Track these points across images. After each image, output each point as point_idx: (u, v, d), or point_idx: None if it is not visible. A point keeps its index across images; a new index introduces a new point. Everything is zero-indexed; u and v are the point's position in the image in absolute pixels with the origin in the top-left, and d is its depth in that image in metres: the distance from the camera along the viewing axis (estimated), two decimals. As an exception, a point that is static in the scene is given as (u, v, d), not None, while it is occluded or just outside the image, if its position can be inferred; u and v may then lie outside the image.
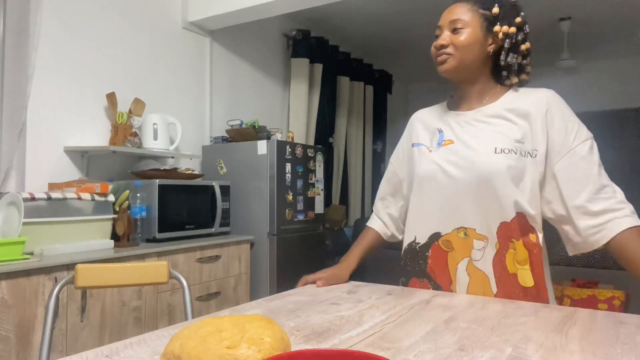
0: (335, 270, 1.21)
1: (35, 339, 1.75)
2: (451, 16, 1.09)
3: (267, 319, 0.63)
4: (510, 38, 1.08)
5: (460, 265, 1.07)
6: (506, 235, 1.04)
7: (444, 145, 1.12)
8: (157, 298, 2.24)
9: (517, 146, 1.03)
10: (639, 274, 0.94)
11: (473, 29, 1.07)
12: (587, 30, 4.59)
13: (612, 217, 0.98)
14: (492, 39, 1.08)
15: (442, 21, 1.11)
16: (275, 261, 2.95)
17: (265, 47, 4.04)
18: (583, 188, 1.01)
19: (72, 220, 2.10)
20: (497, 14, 1.07)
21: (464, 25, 1.07)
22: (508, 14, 1.08)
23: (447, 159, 1.10)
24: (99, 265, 1.33)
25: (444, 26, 1.10)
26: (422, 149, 1.16)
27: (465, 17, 1.07)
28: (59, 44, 2.46)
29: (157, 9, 3.04)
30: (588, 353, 0.69)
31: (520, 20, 1.08)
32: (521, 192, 1.03)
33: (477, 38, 1.07)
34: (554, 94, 1.07)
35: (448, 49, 1.08)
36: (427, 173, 1.12)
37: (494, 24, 1.07)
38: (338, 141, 4.83)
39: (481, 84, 1.12)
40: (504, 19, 1.07)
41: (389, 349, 0.71)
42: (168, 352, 0.59)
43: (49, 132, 2.42)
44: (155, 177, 2.55)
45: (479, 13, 1.07)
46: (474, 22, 1.07)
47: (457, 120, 1.13)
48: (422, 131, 1.20)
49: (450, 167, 1.08)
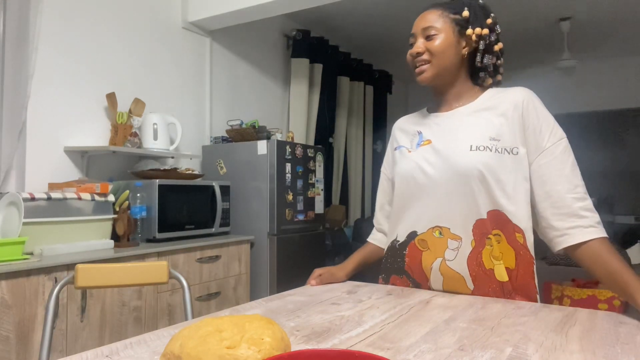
0: (332, 268, 1.25)
1: (35, 339, 1.75)
2: (423, 23, 1.11)
3: (267, 319, 0.63)
4: (483, 40, 1.11)
5: (434, 265, 1.09)
6: (482, 232, 1.05)
7: (423, 146, 1.15)
8: (157, 298, 2.24)
9: (492, 143, 1.05)
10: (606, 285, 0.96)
11: (446, 34, 1.09)
12: (587, 30, 4.59)
13: (577, 224, 0.99)
14: (465, 42, 1.11)
15: (415, 29, 1.14)
16: (275, 261, 2.95)
17: (265, 47, 4.04)
18: (553, 188, 1.02)
19: (72, 220, 2.10)
20: (468, 17, 1.10)
21: (437, 31, 1.10)
22: (478, 16, 1.11)
23: (425, 157, 1.12)
24: (99, 265, 1.33)
25: (417, 34, 1.13)
26: (403, 150, 1.20)
27: (437, 23, 1.10)
28: (59, 44, 2.46)
29: (157, 9, 3.04)
30: (588, 353, 0.69)
31: (491, 21, 1.12)
32: (499, 189, 1.04)
33: (451, 42, 1.10)
34: (530, 92, 1.08)
35: (424, 55, 1.11)
36: (405, 172, 1.15)
37: (466, 28, 1.10)
38: (338, 141, 4.83)
39: (458, 87, 1.14)
40: (475, 22, 1.10)
41: (389, 349, 0.71)
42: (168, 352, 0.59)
43: (49, 132, 2.42)
44: (155, 177, 2.55)
45: (450, 18, 1.10)
46: (446, 27, 1.10)
47: (436, 121, 1.16)
48: (403, 135, 1.23)
49: (427, 165, 1.11)
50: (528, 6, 4.03)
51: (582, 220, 0.99)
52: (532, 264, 1.07)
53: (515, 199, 1.04)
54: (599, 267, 0.95)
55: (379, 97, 5.71)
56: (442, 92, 1.16)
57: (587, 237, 0.97)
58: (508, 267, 1.05)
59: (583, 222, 0.99)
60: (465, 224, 1.05)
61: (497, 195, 1.04)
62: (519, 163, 1.05)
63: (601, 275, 0.95)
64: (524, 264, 1.06)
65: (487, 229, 1.05)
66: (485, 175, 1.03)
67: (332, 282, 1.22)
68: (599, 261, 0.95)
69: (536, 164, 1.04)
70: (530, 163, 1.05)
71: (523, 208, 1.05)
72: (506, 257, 1.05)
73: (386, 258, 1.22)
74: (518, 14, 4.19)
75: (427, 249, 1.10)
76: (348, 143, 5.05)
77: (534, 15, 4.23)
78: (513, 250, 1.05)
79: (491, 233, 1.05)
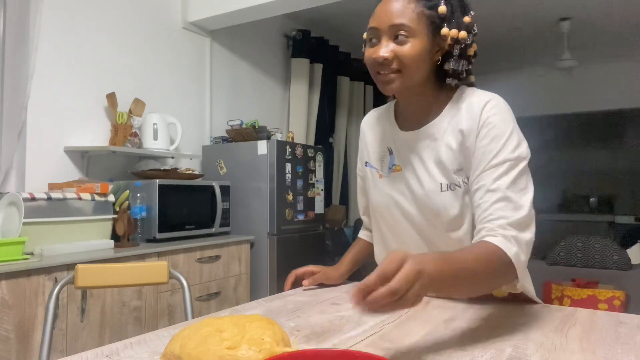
0: (326, 269, 1.20)
1: (35, 339, 1.75)
2: (391, 18, 0.88)
3: (268, 319, 0.63)
4: (459, 44, 0.91)
5: None
6: None
7: (394, 172, 1.04)
8: (157, 298, 2.24)
9: (457, 179, 0.94)
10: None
11: (420, 37, 0.88)
12: (587, 30, 4.59)
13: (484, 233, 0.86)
14: (438, 44, 0.91)
15: (378, 22, 0.91)
16: (275, 261, 2.95)
17: (265, 47, 4.04)
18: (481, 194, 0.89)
19: (72, 220, 2.10)
20: (444, 13, 0.90)
21: (409, 32, 0.88)
22: (456, 12, 0.91)
23: (398, 189, 1.03)
24: (99, 266, 1.33)
25: (382, 31, 0.90)
26: (374, 172, 1.09)
27: (409, 21, 0.88)
28: (59, 44, 2.46)
29: (157, 9, 3.04)
30: (588, 353, 0.69)
31: (469, 19, 0.92)
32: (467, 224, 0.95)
33: (425, 48, 0.89)
34: (493, 105, 0.91)
35: (393, 64, 0.90)
36: (380, 205, 1.07)
37: (441, 27, 0.90)
38: (338, 141, 4.83)
39: (427, 97, 0.97)
40: (451, 20, 0.90)
41: (389, 349, 0.71)
42: (168, 352, 0.59)
43: (49, 132, 2.41)
44: (155, 177, 2.55)
45: (424, 15, 0.89)
46: (421, 27, 0.89)
47: (405, 142, 1.02)
48: (373, 148, 1.10)
49: (401, 198, 1.02)
50: (528, 6, 4.03)
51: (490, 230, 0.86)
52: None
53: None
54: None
55: (379, 97, 5.70)
56: (408, 104, 1.01)
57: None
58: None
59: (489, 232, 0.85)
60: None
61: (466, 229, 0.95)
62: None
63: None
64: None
65: None
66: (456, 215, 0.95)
67: (326, 283, 1.18)
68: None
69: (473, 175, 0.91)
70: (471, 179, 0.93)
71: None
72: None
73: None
74: (518, 14, 4.19)
75: None
76: (348, 143, 5.05)
77: (534, 15, 4.23)
78: None
79: None
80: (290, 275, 1.18)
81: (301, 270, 1.18)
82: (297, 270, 1.18)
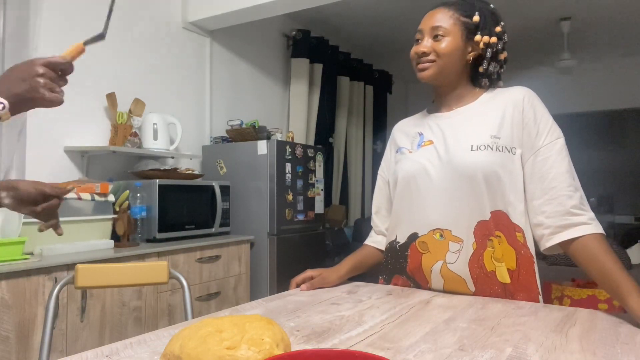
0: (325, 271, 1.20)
1: (35, 339, 1.75)
2: (433, 22, 1.10)
3: (267, 319, 0.63)
4: (491, 48, 1.10)
5: (435, 267, 1.08)
6: (484, 234, 1.04)
7: (424, 146, 1.14)
8: (157, 298, 2.24)
9: (493, 141, 1.04)
10: (598, 284, 0.95)
11: (454, 37, 1.08)
12: (587, 30, 4.59)
13: (571, 221, 0.99)
14: (472, 47, 1.10)
15: (423, 25, 1.12)
16: (275, 261, 2.95)
17: (265, 47, 4.04)
18: (548, 185, 1.02)
19: (72, 220, 2.10)
20: (478, 22, 1.09)
21: (445, 32, 1.08)
22: (488, 22, 1.10)
23: (427, 158, 1.11)
24: (99, 266, 1.33)
25: (425, 31, 1.12)
26: (404, 151, 1.19)
27: (446, 24, 1.08)
28: (59, 44, 2.46)
29: (157, 9, 3.04)
30: (588, 353, 0.69)
31: (500, 29, 1.10)
32: (500, 189, 1.04)
33: (458, 46, 1.08)
34: (530, 92, 1.08)
35: (430, 56, 1.10)
36: (407, 173, 1.14)
37: (475, 33, 1.09)
38: (338, 141, 4.83)
39: (460, 89, 1.14)
40: (484, 28, 1.09)
41: (389, 349, 0.71)
42: (168, 352, 0.59)
43: (49, 132, 2.41)
44: (155, 177, 2.55)
45: (460, 21, 1.09)
46: (455, 30, 1.08)
47: (437, 121, 1.15)
48: (404, 137, 1.23)
49: (429, 166, 1.10)
50: (528, 6, 4.03)
51: (575, 218, 0.98)
52: (533, 263, 1.07)
53: (516, 198, 1.05)
54: (593, 265, 0.94)
55: (379, 97, 5.70)
56: (442, 93, 1.16)
57: (578, 234, 0.97)
58: (509, 268, 1.05)
59: (576, 220, 0.98)
60: (468, 226, 1.05)
61: (499, 195, 1.04)
62: (517, 162, 1.05)
63: (594, 273, 0.94)
64: (524, 263, 1.05)
65: (489, 230, 1.04)
66: (488, 175, 1.03)
67: (324, 287, 1.16)
68: (593, 259, 0.94)
69: (532, 161, 1.04)
70: (526, 161, 1.05)
71: (522, 206, 1.05)
72: (507, 259, 1.05)
73: (387, 259, 1.21)
74: (518, 14, 4.19)
75: (428, 252, 1.09)
76: (348, 143, 5.05)
77: (534, 15, 4.23)
78: (514, 250, 1.05)
79: (494, 234, 1.04)
80: (290, 284, 1.19)
81: (300, 278, 1.18)
82: (296, 278, 1.19)
